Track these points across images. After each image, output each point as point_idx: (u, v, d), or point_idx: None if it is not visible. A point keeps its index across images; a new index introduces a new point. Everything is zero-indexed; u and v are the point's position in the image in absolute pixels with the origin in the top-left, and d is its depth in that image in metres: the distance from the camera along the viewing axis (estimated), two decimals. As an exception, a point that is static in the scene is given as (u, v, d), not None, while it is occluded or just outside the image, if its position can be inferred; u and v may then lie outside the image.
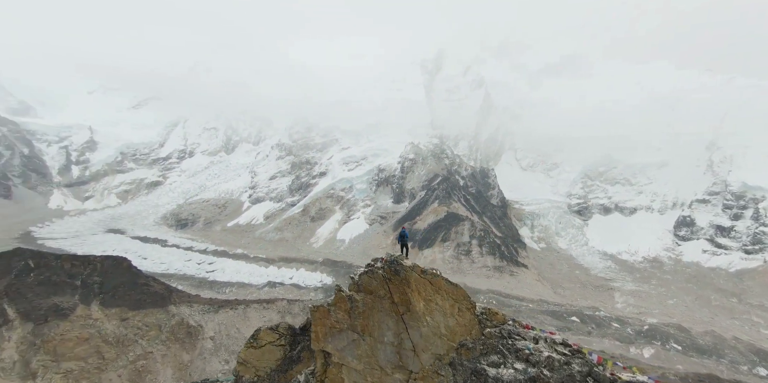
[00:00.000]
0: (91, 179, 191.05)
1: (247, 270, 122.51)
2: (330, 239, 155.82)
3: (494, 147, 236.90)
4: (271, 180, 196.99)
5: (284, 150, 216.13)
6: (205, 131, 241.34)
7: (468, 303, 11.23)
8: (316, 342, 11.46)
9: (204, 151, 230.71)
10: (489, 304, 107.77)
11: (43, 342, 51.23)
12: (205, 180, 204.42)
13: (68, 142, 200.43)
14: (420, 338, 10.51)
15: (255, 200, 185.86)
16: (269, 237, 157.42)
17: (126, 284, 66.55)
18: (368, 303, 11.20)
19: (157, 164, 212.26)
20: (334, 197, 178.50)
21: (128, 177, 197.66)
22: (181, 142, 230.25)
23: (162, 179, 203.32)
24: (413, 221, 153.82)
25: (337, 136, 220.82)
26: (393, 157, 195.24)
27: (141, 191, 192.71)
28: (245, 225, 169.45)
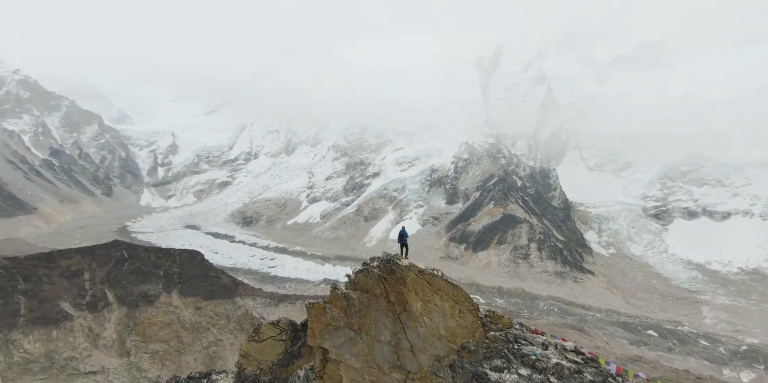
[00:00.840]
0: (173, 179, 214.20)
1: (305, 267, 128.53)
2: (383, 239, 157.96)
3: (556, 146, 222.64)
4: (327, 180, 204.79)
5: (339, 151, 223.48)
6: (269, 134, 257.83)
7: (470, 304, 10.89)
8: (312, 338, 11.68)
9: (267, 153, 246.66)
10: (550, 312, 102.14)
11: (135, 324, 58.81)
12: (267, 180, 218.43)
13: (155, 146, 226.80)
14: (418, 338, 10.39)
15: (312, 200, 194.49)
16: (325, 236, 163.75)
17: (200, 276, 73.84)
18: (364, 302, 11.18)
19: (227, 166, 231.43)
20: (386, 197, 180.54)
21: (203, 178, 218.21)
22: (247, 144, 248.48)
23: (231, 180, 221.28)
24: (467, 222, 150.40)
25: (391, 137, 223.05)
26: (446, 157, 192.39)
27: (213, 191, 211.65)
28: (303, 224, 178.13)
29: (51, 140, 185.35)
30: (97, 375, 49.66)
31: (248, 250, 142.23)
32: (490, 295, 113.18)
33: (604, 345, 64.79)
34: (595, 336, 71.43)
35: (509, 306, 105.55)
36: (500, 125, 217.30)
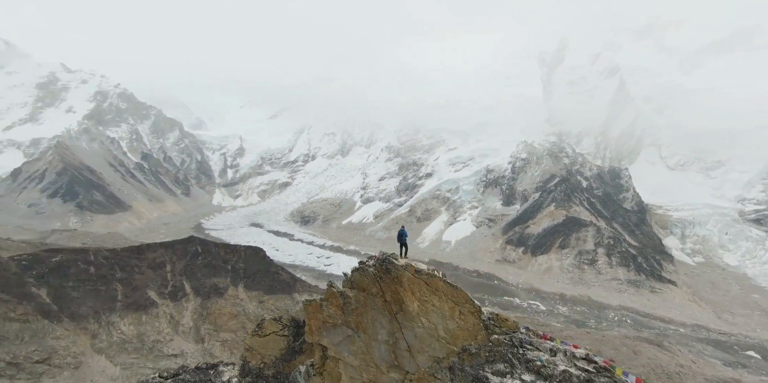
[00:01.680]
0: (240, 180, 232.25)
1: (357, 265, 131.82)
2: (436, 240, 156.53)
3: (629, 143, 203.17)
4: (380, 181, 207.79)
5: (392, 152, 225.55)
6: (325, 136, 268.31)
7: (471, 306, 10.47)
8: (310, 335, 11.74)
9: (324, 154, 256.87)
10: (622, 323, 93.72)
11: (208, 314, 64.93)
12: (324, 181, 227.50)
13: (225, 149, 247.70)
14: (415, 339, 10.24)
15: (366, 200, 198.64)
16: (378, 236, 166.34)
17: (262, 271, 79.24)
18: (360, 300, 11.16)
19: (287, 167, 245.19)
20: (440, 198, 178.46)
21: (266, 179, 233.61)
22: (306, 147, 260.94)
23: (291, 180, 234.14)
24: (525, 224, 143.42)
25: (444, 137, 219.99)
26: (503, 157, 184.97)
27: (275, 191, 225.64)
28: (357, 223, 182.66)
29: (142, 146, 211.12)
30: (177, 358, 55.72)
31: (306, 248, 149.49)
32: (551, 302, 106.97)
33: (689, 364, 57.60)
34: (678, 353, 63.75)
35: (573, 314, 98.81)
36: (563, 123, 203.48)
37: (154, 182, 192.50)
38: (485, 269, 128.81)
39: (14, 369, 40.74)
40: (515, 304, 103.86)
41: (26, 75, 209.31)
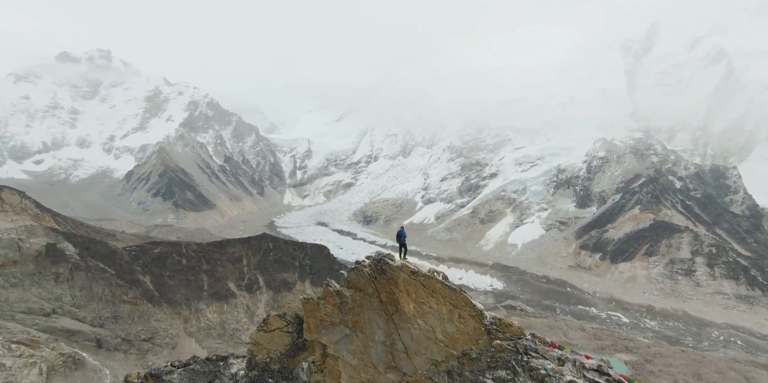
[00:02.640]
0: (308, 181, 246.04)
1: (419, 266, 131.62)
2: (500, 243, 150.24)
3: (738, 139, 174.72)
4: (441, 181, 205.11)
5: (455, 152, 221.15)
6: (387, 137, 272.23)
7: (471, 310, 9.96)
8: (308, 332, 11.80)
9: (386, 155, 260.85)
10: (730, 344, 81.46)
11: (278, 307, 70.16)
12: (386, 182, 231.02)
13: (295, 152, 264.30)
14: (411, 340, 10.13)
15: (427, 201, 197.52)
16: (439, 237, 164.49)
17: (326, 268, 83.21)
18: (357, 300, 11.07)
19: (351, 168, 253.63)
20: (505, 199, 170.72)
21: (331, 179, 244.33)
22: (369, 148, 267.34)
23: (354, 181, 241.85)
24: (603, 229, 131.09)
25: (510, 135, 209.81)
26: (577, 156, 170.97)
27: (339, 191, 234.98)
28: (418, 224, 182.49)
29: (225, 150, 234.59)
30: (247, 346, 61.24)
31: (368, 247, 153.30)
32: (635, 314, 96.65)
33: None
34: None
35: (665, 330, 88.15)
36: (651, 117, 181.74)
37: (234, 183, 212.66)
38: (556, 275, 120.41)
39: (127, 345, 48.09)
40: (592, 314, 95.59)
41: (138, 90, 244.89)
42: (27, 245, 48.34)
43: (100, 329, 47.98)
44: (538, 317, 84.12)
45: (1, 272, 43.77)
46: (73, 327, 44.91)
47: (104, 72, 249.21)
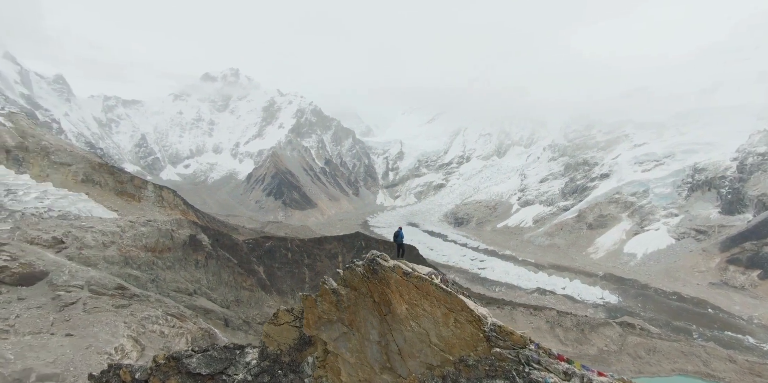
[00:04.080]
0: (399, 182, 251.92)
1: (516, 273, 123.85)
2: (614, 252, 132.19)
3: None
4: (541, 183, 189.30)
5: (557, 151, 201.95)
6: (481, 137, 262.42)
7: (468, 315, 9.46)
8: (307, 328, 11.86)
9: (479, 156, 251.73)
10: None
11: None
12: (478, 183, 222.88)
13: (387, 154, 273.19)
14: (405, 342, 9.95)
15: (524, 203, 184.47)
16: (538, 242, 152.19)
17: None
18: (352, 299, 11.03)
19: (442, 169, 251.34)
20: (620, 202, 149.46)
21: (422, 180, 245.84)
22: (461, 148, 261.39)
23: (445, 182, 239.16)
24: (762, 241, 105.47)
25: (628, 131, 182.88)
26: (722, 152, 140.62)
27: (430, 192, 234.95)
28: (514, 227, 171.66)
29: (325, 153, 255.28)
30: None
31: (459, 250, 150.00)
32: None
33: None
34: None
35: None
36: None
37: (333, 184, 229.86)
38: (692, 293, 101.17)
39: (247, 326, 55.96)
40: (746, 344, 77.77)
41: (257, 101, 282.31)
42: (177, 235, 60.18)
43: (226, 310, 56.92)
44: (666, 339, 71.60)
45: (161, 257, 55.40)
46: (208, 306, 54.23)
47: (233, 87, 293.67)
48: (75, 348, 28.66)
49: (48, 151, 63.99)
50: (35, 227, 45.30)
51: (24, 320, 30.25)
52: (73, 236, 46.46)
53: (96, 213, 55.48)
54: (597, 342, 69.24)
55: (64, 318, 32.02)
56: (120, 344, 30.88)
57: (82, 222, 51.11)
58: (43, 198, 52.11)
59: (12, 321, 29.70)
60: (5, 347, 25.77)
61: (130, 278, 45.96)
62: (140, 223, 56.44)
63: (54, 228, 46.34)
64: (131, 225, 54.63)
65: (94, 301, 34.94)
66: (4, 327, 28.60)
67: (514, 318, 75.43)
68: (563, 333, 70.54)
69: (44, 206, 50.72)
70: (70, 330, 30.67)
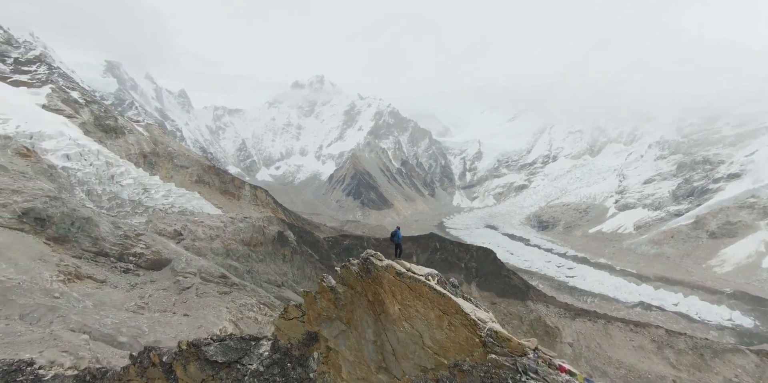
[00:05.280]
0: (477, 182, 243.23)
1: (612, 283, 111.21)
2: (747, 266, 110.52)
3: None
4: (645, 184, 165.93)
5: (667, 148, 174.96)
6: (570, 134, 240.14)
7: (463, 318, 9.08)
8: (308, 324, 11.99)
9: (567, 155, 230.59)
10: None
11: (443, 304, 72.52)
12: (566, 184, 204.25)
13: (465, 154, 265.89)
14: (398, 343, 9.84)
15: (623, 207, 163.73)
16: (641, 250, 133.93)
17: (493, 273, 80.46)
18: (349, 297, 11.03)
19: (524, 169, 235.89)
20: (756, 208, 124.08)
21: (502, 181, 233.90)
22: (546, 147, 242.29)
23: (527, 183, 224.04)
24: None
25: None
26: None
27: (511, 194, 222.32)
28: (610, 233, 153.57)
29: (402, 154, 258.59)
30: None
31: (543, 255, 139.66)
32: None
33: None
34: None
35: None
36: None
37: (408, 185, 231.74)
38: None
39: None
40: None
41: (339, 106, 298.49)
42: (268, 231, 66.70)
43: (308, 300, 61.15)
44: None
45: (254, 250, 62.06)
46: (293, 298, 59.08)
47: (318, 93, 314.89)
48: (190, 326, 33.63)
49: (172, 156, 76.18)
50: (162, 220, 54.27)
51: (154, 299, 36.50)
52: (188, 230, 54.54)
53: (205, 210, 64.33)
54: (723, 371, 58.23)
55: (182, 300, 37.80)
56: (223, 326, 35.34)
57: (195, 217, 59.71)
58: (168, 196, 62.15)
59: (146, 299, 36.08)
60: (142, 321, 31.41)
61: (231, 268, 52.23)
62: (238, 219, 63.82)
63: (175, 222, 54.95)
64: (231, 221, 62.10)
65: (203, 287, 40.58)
66: (141, 303, 34.88)
67: (610, 334, 67.67)
68: (675, 355, 60.96)
69: (169, 202, 60.47)
70: (187, 311, 36.08)
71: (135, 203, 55.82)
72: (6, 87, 63.88)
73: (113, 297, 34.54)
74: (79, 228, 40.56)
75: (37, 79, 70.46)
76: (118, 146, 67.81)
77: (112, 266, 39.88)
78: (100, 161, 57.62)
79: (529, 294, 77.58)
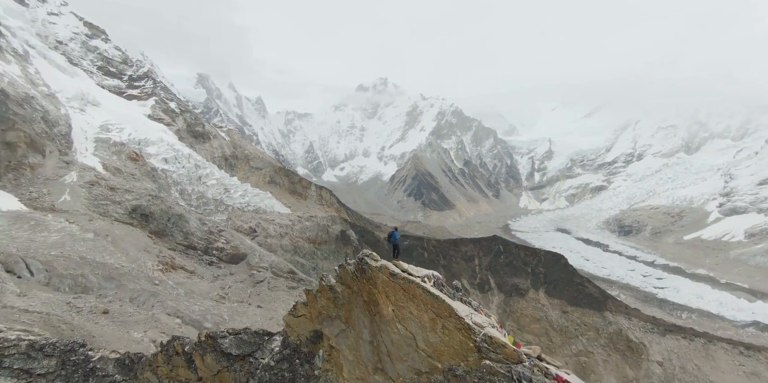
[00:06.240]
0: (547, 183, 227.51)
1: (714, 298, 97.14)
2: None
3: None
4: (760, 186, 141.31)
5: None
6: (660, 130, 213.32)
7: (457, 322, 8.78)
8: (310, 322, 11.96)
9: (656, 153, 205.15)
10: None
11: (511, 311, 69.20)
12: (654, 185, 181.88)
13: (533, 153, 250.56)
14: (392, 345, 9.72)
15: (729, 211, 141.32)
16: (755, 262, 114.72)
17: (563, 279, 74.65)
18: (346, 297, 11.00)
19: (602, 169, 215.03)
20: None
21: (575, 182, 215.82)
22: (629, 145, 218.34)
23: (606, 184, 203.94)
24: None
25: None
26: None
27: (585, 195, 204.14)
28: (712, 241, 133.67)
29: (464, 154, 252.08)
30: None
31: (626, 263, 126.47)
32: None
33: None
34: None
35: None
36: None
37: (471, 185, 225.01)
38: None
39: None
40: None
41: (402, 107, 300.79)
42: (331, 230, 69.71)
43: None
44: None
45: (319, 248, 65.32)
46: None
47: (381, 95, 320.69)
48: (263, 317, 36.51)
49: (249, 158, 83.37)
50: (239, 218, 59.67)
51: (233, 290, 40.34)
52: (261, 227, 59.21)
53: (276, 209, 69.27)
54: None
55: (256, 292, 41.20)
56: (290, 318, 37.71)
57: (267, 216, 64.63)
58: (245, 195, 68.15)
59: (227, 290, 40.02)
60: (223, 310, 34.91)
61: (298, 264, 55.60)
62: (305, 218, 67.62)
63: (250, 220, 60.06)
64: (299, 220, 66.02)
65: (274, 281, 43.77)
66: (222, 294, 38.78)
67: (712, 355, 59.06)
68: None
69: (245, 202, 66.30)
70: (260, 303, 39.24)
71: (217, 201, 62.14)
72: (122, 101, 75.41)
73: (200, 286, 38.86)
74: (174, 224, 46.37)
75: (145, 92, 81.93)
76: (204, 150, 76.09)
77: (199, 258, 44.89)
78: (190, 163, 65.21)
79: (608, 305, 70.86)
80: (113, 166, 53.77)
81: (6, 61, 55.76)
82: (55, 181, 45.76)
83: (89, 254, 34.00)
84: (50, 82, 61.69)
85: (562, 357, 63.11)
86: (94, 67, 78.33)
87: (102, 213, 43.44)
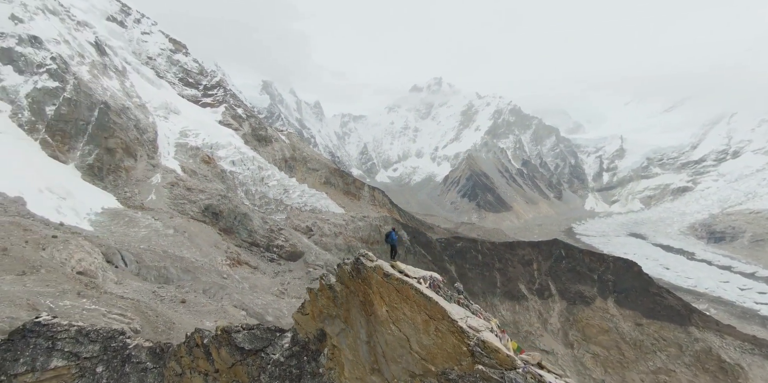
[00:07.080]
0: (618, 184, 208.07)
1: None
2: None
3: None
4: None
5: None
6: (763, 124, 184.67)
7: (450, 325, 8.51)
8: (312, 319, 12.08)
9: (756, 150, 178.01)
10: None
11: (575, 320, 64.54)
12: (755, 186, 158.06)
13: (602, 152, 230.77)
14: (387, 346, 9.71)
15: None
16: None
17: (636, 289, 67.82)
18: (345, 296, 11.02)
19: (686, 168, 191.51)
20: None
21: (652, 183, 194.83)
22: (722, 141, 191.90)
23: (691, 185, 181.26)
24: None
25: None
26: None
27: (665, 197, 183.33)
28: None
29: (523, 153, 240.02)
30: (549, 355, 59.75)
31: (717, 274, 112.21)
32: None
33: None
34: None
35: None
36: None
37: (530, 186, 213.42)
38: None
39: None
40: None
41: (456, 106, 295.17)
42: (383, 230, 70.44)
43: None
44: None
45: (371, 248, 66.36)
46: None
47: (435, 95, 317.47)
48: (317, 312, 37.98)
49: (306, 160, 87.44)
50: (297, 217, 62.79)
51: (291, 287, 42.58)
52: (317, 227, 61.74)
53: (331, 209, 71.76)
54: None
55: (312, 288, 43.04)
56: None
57: (323, 215, 67.21)
58: (302, 196, 71.58)
59: (286, 286, 42.37)
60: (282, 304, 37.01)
61: (352, 263, 57.01)
62: (358, 218, 69.16)
63: (307, 219, 62.90)
64: (352, 220, 67.71)
65: (329, 278, 45.37)
66: (282, 289, 41.13)
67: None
68: None
69: (302, 201, 69.62)
70: (315, 298, 40.87)
71: (278, 201, 66.01)
72: (197, 108, 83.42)
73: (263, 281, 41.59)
74: (239, 222, 50.19)
75: (216, 100, 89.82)
76: (266, 153, 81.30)
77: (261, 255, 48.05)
78: (254, 165, 70.10)
79: (693, 319, 63.29)
80: (190, 168, 59.72)
81: (109, 77, 64.62)
82: (143, 182, 52.01)
83: (170, 249, 38.13)
84: (141, 94, 70.29)
85: (637, 373, 57.82)
86: (176, 79, 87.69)
87: (180, 211, 48.46)
